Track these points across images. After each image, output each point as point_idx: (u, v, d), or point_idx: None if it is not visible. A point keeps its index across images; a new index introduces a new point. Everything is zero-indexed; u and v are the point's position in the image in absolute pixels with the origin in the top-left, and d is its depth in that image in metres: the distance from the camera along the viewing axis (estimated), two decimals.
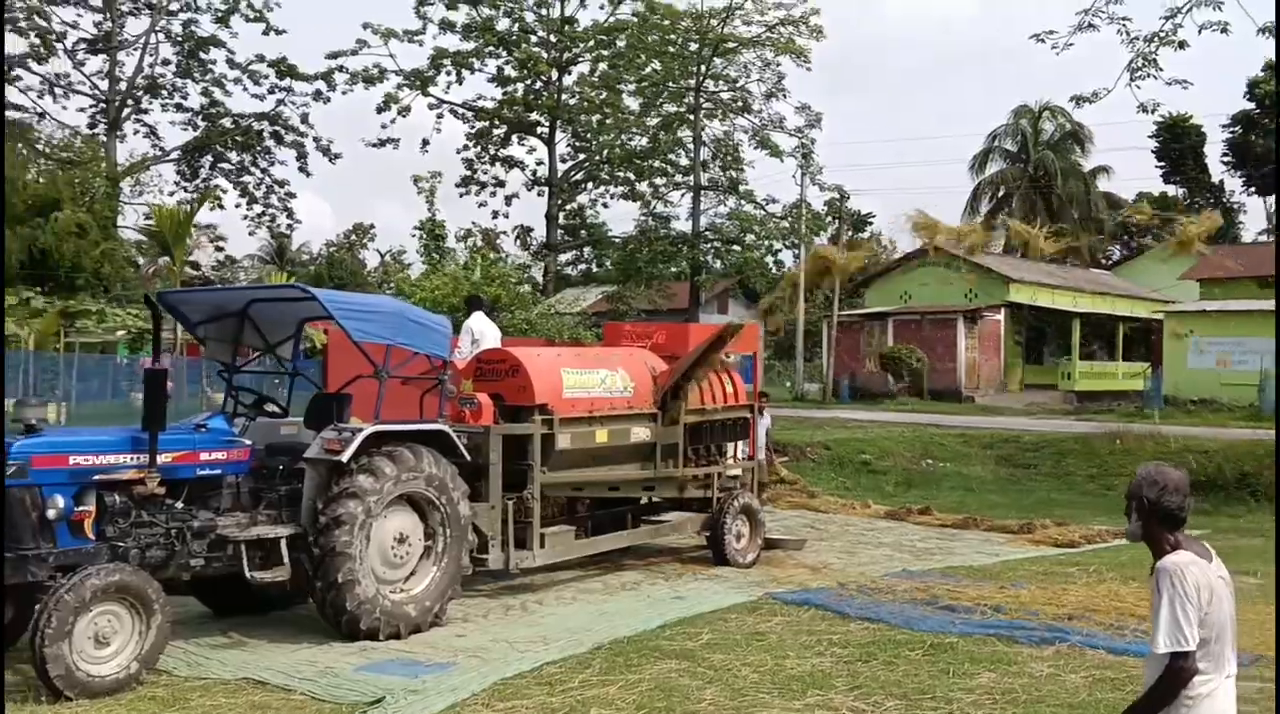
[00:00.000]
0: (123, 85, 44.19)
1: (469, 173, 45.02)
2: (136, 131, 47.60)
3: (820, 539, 15.23)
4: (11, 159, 37.97)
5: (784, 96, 37.17)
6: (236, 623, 9.55)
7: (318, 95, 44.85)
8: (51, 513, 7.67)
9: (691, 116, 36.32)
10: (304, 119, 45.81)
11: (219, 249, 48.00)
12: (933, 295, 41.49)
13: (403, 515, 9.35)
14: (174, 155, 46.83)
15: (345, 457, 8.86)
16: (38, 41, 43.04)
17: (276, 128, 45.94)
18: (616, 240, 38.54)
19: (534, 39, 41.53)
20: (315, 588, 8.86)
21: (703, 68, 36.17)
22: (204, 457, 8.57)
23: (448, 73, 41.85)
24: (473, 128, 44.04)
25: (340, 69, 42.79)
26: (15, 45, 41.94)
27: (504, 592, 11.13)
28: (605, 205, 43.37)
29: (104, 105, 44.36)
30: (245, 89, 45.29)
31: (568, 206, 44.19)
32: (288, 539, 8.82)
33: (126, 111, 45.08)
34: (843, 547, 14.68)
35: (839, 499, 18.88)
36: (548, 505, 12.31)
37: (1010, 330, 40.06)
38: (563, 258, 45.68)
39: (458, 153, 44.40)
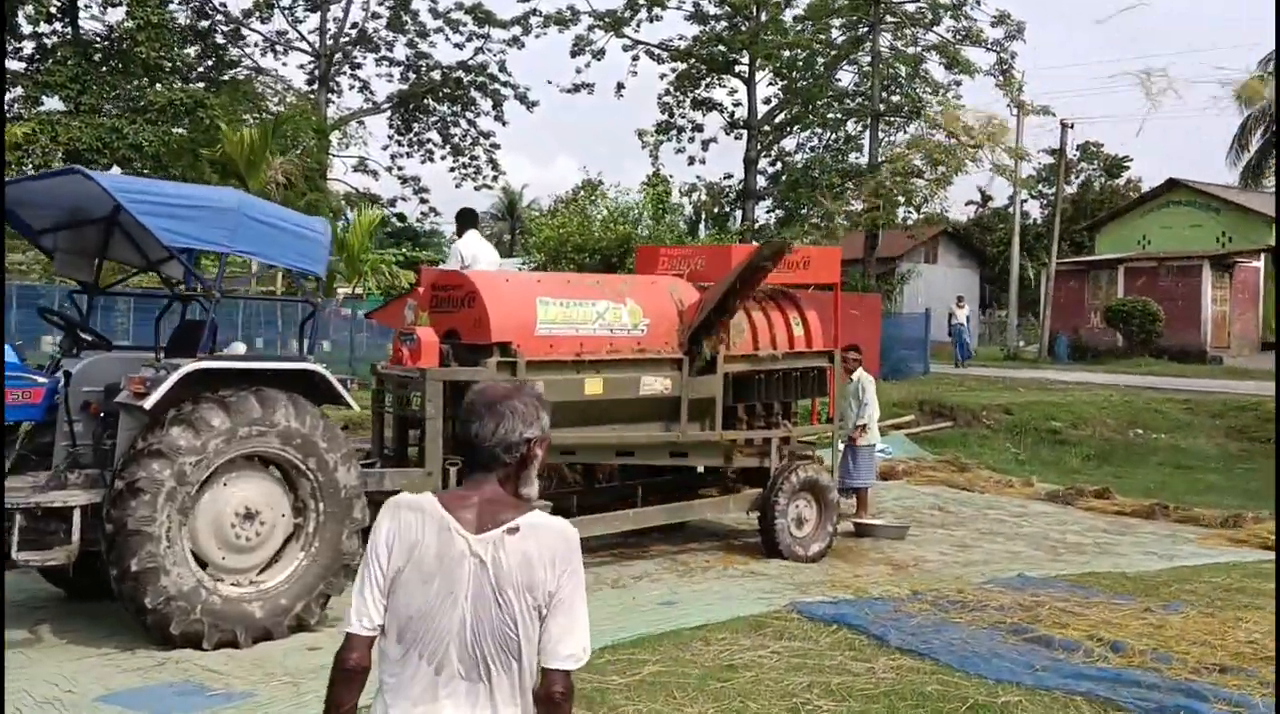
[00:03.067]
0: (332, 40, 44.15)
1: (666, 117, 42.64)
2: (351, 86, 47.69)
3: (940, 525, 11.93)
4: (230, 114, 38.36)
5: (977, 3, 32.27)
6: (71, 610, 7.46)
7: (514, 41, 43.53)
8: None
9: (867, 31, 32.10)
10: (501, 67, 44.67)
11: (423, 202, 47.30)
12: (1177, 240, 35.79)
13: (255, 483, 6.94)
14: (383, 108, 46.67)
15: (148, 403, 6.54)
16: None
17: (480, 78, 44.97)
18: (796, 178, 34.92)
19: None
20: (111, 577, 6.59)
21: None
22: None
23: (644, 9, 39.44)
24: (673, 69, 41.52)
25: (534, 12, 41.26)
26: (238, 3, 42.49)
27: None
28: (812, 149, 39.89)
29: (316, 59, 44.50)
30: (447, 38, 44.52)
31: (770, 151, 41.01)
32: (91, 509, 6.60)
33: (337, 66, 45.07)
34: (963, 537, 11.35)
35: (995, 474, 15.28)
36: (554, 474, 9.76)
37: (1272, 280, 33.94)
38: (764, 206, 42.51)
39: (659, 98, 42.02)
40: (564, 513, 8.72)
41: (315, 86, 43.91)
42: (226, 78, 42.04)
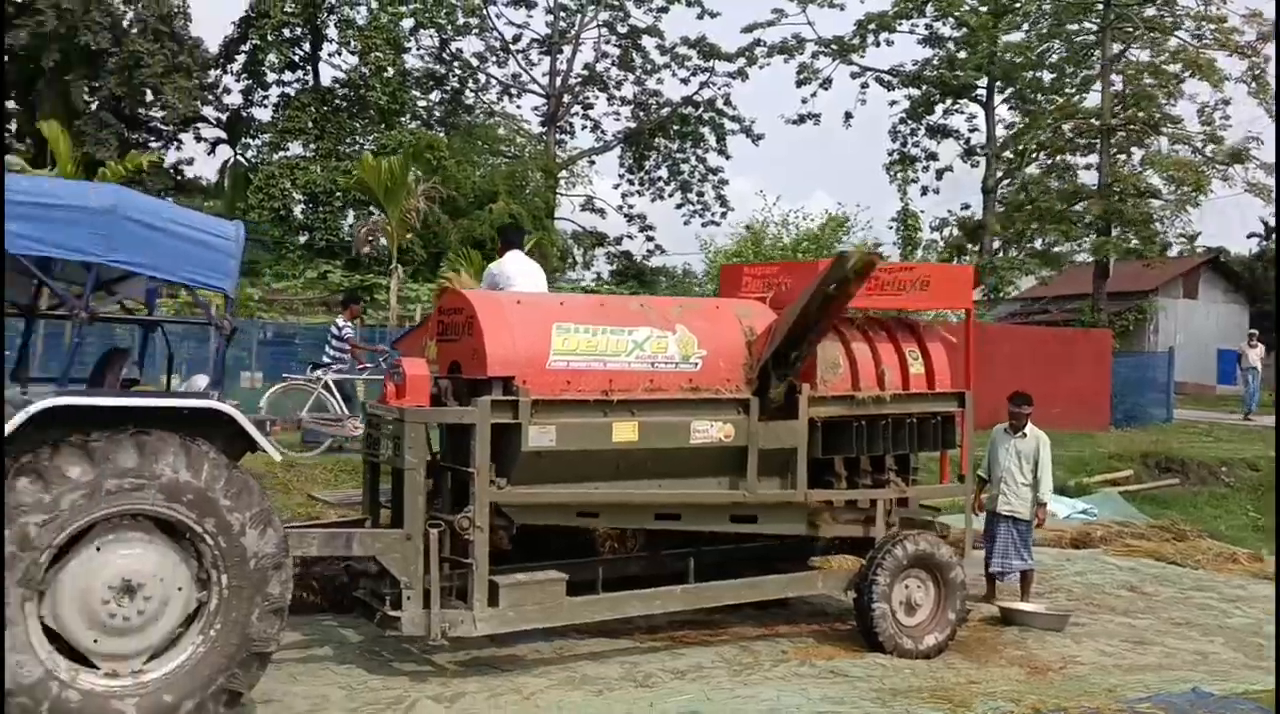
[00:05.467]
0: (563, 80, 44.16)
1: (899, 146, 40.02)
2: (584, 126, 47.60)
3: (1123, 611, 9.28)
4: (467, 155, 38.86)
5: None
6: None
7: (738, 74, 42.17)
8: None
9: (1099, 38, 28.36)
10: (726, 100, 43.41)
11: (649, 238, 46.37)
12: None
13: (139, 549, 5.51)
14: (611, 146, 46.28)
15: None
16: (496, 45, 44.15)
17: (709, 112, 43.92)
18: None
19: None
20: None
21: None
22: None
23: (872, 34, 37.14)
24: (907, 95, 38.88)
25: (758, 43, 39.75)
26: (471, 45, 43.19)
27: (432, 673, 6.93)
28: (1059, 177, 36.11)
29: (547, 100, 44.67)
30: (673, 73, 43.72)
31: (1012, 177, 37.55)
32: None
33: (566, 106, 45.09)
34: (1144, 630, 8.70)
35: (1219, 544, 12.22)
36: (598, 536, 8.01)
37: None
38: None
39: (893, 127, 39.38)
40: (584, 587, 6.93)
41: (544, 130, 43.93)
42: (463, 122, 42.57)
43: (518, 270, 8.37)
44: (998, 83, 35.25)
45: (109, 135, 32.42)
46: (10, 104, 35.46)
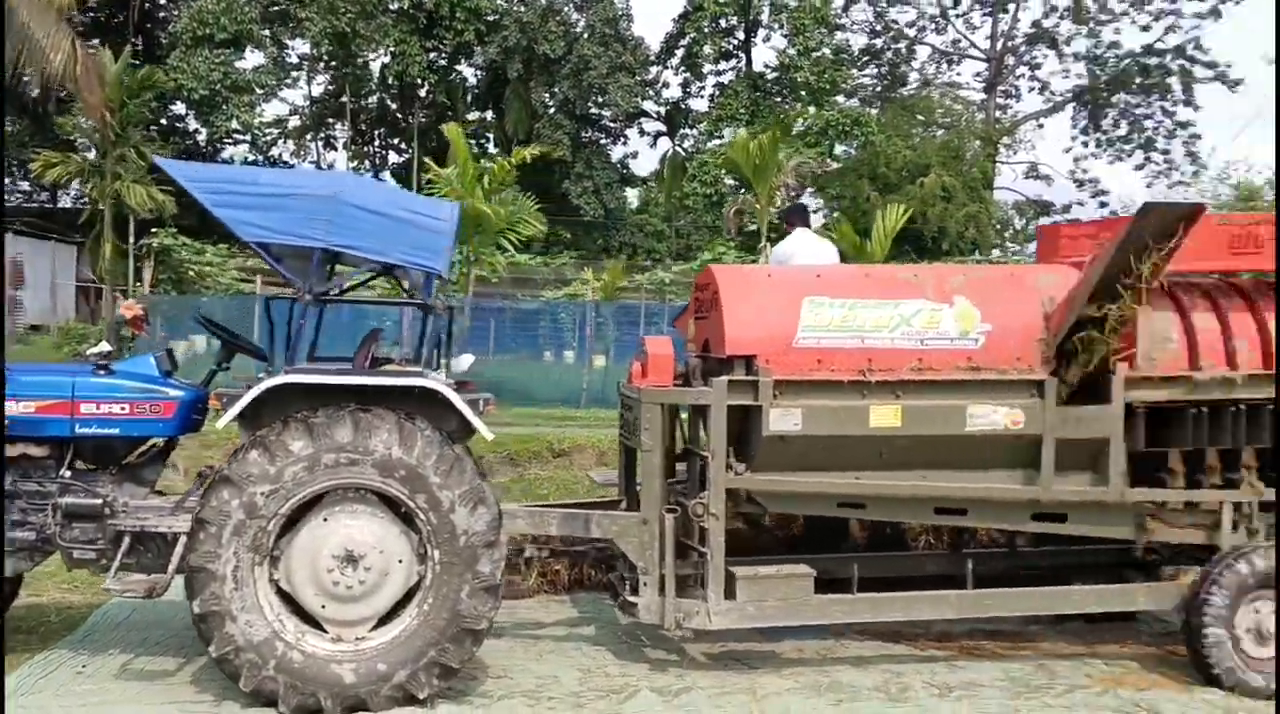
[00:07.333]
0: (1011, 40, 41.64)
1: None
2: (1031, 88, 44.66)
3: None
4: (899, 129, 38.03)
5: None
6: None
7: (1211, 13, 37.45)
8: None
9: None
10: (1196, 44, 38.69)
11: (1102, 205, 42.36)
12: None
13: (361, 521, 5.64)
14: (1060, 107, 42.97)
15: (221, 423, 5.57)
16: (935, 12, 42.67)
17: (1177, 59, 39.45)
18: None
19: None
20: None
21: None
22: (85, 409, 5.94)
23: None
24: None
25: None
26: (904, 15, 41.89)
27: (668, 663, 6.52)
28: None
29: (986, 64, 42.41)
30: (1132, 21, 39.76)
31: None
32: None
33: (1009, 69, 42.50)
34: None
35: None
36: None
37: None
38: None
39: None
40: (836, 584, 6.25)
41: (986, 93, 41.58)
42: (896, 94, 41.38)
43: (804, 249, 7.66)
44: None
45: (563, 135, 34.90)
46: (488, 114, 39.39)
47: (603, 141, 38.15)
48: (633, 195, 41.61)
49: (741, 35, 37.43)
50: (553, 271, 28.72)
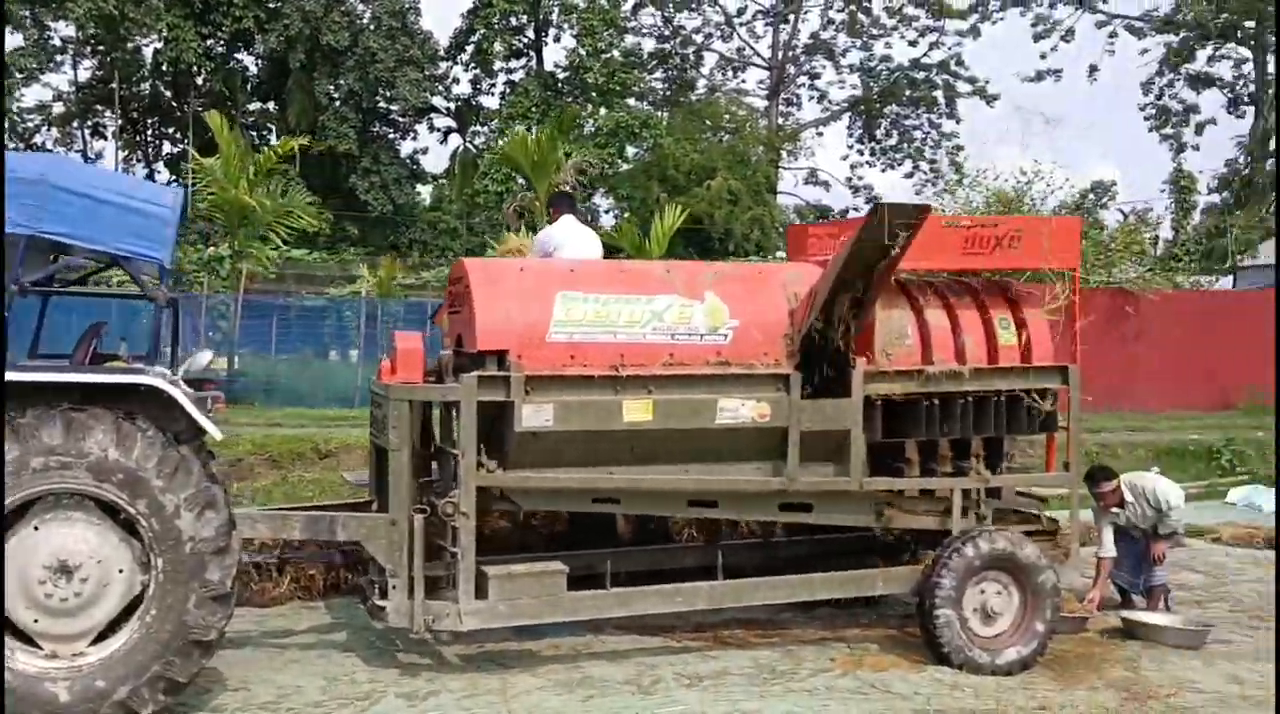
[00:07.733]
0: (792, 50, 42.98)
1: (1155, 100, 36.69)
2: (810, 97, 46.19)
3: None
4: (687, 132, 38.53)
5: None
6: None
7: (970, 31, 39.74)
8: None
9: None
10: (957, 60, 40.98)
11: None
12: None
13: (75, 529, 5.22)
14: (838, 116, 44.66)
15: None
16: (721, 20, 43.52)
17: (940, 74, 41.63)
18: None
19: None
20: None
21: None
22: None
23: None
24: (1168, 44, 35.51)
25: None
26: (691, 21, 42.65)
27: (410, 669, 6.37)
28: None
29: (769, 73, 43.65)
30: (901, 36, 41.72)
31: None
32: None
33: (790, 78, 43.89)
34: None
35: None
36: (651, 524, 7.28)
37: None
38: None
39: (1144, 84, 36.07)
40: (590, 581, 6.21)
41: (767, 104, 42.83)
42: (685, 99, 42.10)
43: (567, 237, 7.60)
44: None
45: (348, 129, 33.87)
46: (270, 105, 37.83)
47: (391, 136, 37.27)
48: (426, 192, 40.86)
49: (532, 34, 37.27)
50: (338, 268, 27.81)
